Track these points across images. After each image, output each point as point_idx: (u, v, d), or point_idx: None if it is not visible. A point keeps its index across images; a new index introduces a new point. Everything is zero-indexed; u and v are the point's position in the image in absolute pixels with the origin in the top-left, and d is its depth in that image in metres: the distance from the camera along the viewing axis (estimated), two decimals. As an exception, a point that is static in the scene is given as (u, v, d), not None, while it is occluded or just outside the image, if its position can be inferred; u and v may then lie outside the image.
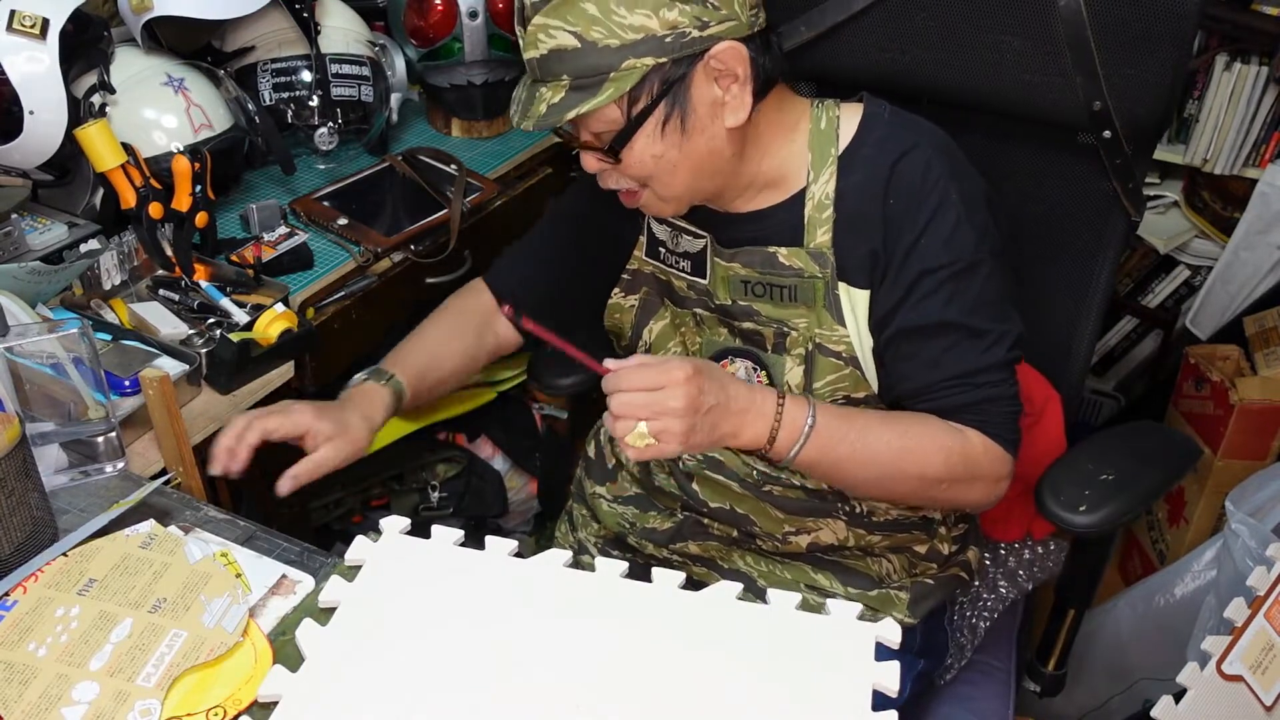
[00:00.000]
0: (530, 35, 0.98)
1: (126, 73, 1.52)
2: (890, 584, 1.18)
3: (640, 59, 0.96)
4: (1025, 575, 1.34)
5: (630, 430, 0.96)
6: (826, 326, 1.09)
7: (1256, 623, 1.08)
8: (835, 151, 1.07)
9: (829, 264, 1.08)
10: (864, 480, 1.07)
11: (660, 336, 1.23)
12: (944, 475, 1.06)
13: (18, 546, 1.00)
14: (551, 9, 0.96)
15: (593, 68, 0.96)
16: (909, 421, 1.07)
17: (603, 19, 0.94)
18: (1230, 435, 1.90)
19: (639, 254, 1.23)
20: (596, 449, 1.40)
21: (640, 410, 0.96)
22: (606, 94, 0.96)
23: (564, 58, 0.97)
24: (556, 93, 0.98)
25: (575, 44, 0.96)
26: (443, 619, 0.94)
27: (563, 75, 0.98)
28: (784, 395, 1.03)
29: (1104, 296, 1.33)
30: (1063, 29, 1.18)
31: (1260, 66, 2.04)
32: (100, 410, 1.13)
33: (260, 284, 1.48)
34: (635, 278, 1.24)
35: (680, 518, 1.25)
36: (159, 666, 0.88)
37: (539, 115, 0.99)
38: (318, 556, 1.03)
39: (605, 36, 0.95)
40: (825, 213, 1.07)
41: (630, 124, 1.00)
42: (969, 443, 1.06)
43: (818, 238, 1.08)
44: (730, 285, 1.14)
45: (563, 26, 0.96)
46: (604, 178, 1.08)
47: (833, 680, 0.89)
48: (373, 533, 1.03)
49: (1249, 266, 2.08)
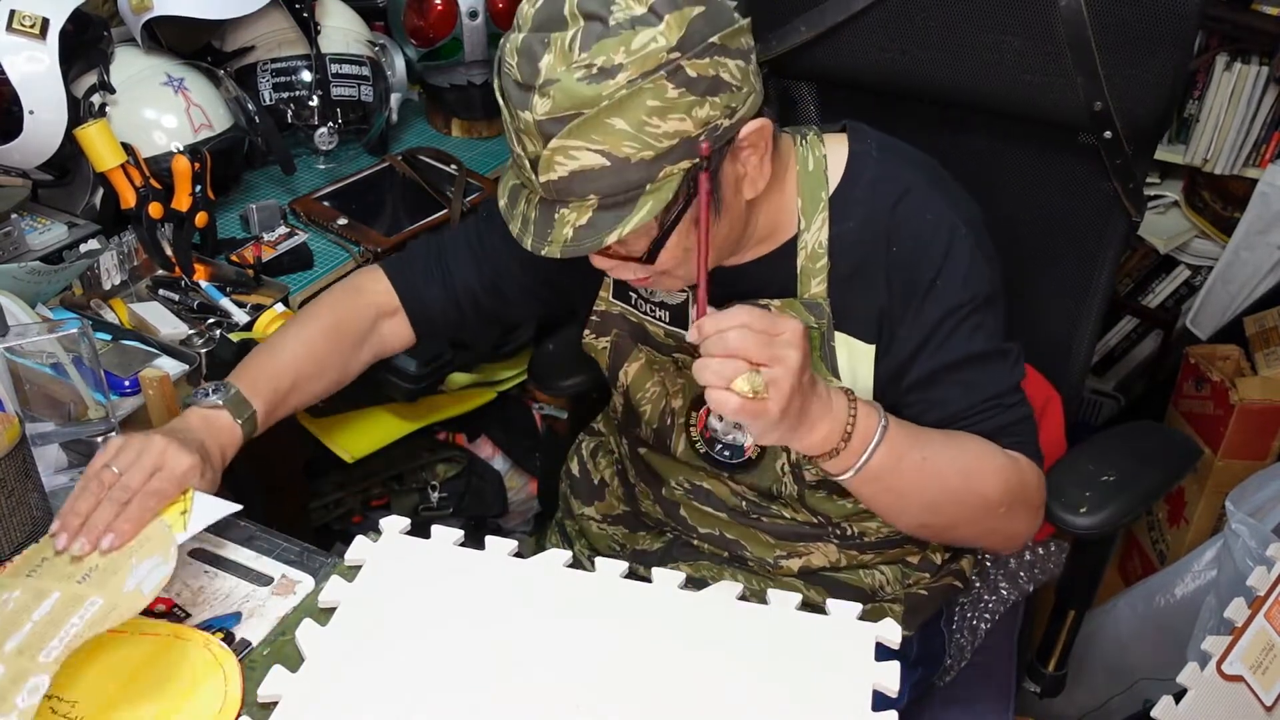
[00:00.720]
0: (545, 159, 0.86)
1: (126, 73, 1.52)
2: (883, 597, 1.17)
3: (676, 164, 0.86)
4: (1026, 577, 1.34)
5: (737, 376, 0.83)
6: (821, 375, 1.04)
7: (1257, 623, 1.08)
8: (825, 195, 1.02)
9: (825, 314, 1.03)
10: (923, 503, 0.99)
11: (637, 379, 1.17)
12: (1003, 499, 1.00)
13: (18, 547, 1.00)
14: (573, 130, 0.84)
15: (626, 184, 0.86)
16: (967, 438, 1.01)
17: (635, 133, 0.84)
18: (1230, 435, 1.90)
19: (605, 295, 1.15)
20: (580, 465, 1.36)
21: (755, 352, 0.83)
22: (646, 209, 0.87)
23: (590, 178, 0.86)
24: (582, 214, 0.88)
25: (603, 163, 0.85)
26: (443, 619, 0.94)
27: (589, 195, 0.87)
28: (854, 396, 0.94)
29: (1104, 297, 1.32)
30: (1063, 29, 1.18)
31: (1260, 66, 2.04)
32: (100, 410, 1.13)
33: (260, 284, 1.48)
34: (604, 319, 1.17)
35: (670, 537, 1.25)
36: (64, 640, 0.83)
37: (566, 241, 0.89)
38: (318, 556, 1.03)
39: (639, 150, 0.84)
40: (819, 262, 1.02)
41: (665, 230, 0.91)
42: (1020, 466, 1.02)
43: (812, 288, 1.03)
44: None
45: (587, 146, 0.84)
46: (618, 272, 0.98)
47: (833, 680, 0.89)
48: (373, 533, 1.03)
49: (1249, 266, 2.08)
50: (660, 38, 0.82)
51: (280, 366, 1.11)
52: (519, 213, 0.92)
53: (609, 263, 0.97)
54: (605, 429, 1.37)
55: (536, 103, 0.84)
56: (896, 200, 1.00)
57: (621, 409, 1.21)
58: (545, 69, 0.84)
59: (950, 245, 0.99)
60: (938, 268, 0.99)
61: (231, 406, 1.05)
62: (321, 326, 1.15)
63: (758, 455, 1.12)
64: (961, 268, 1.00)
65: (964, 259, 1.00)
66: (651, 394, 1.16)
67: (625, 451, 1.28)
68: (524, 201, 0.92)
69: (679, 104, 0.84)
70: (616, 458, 1.32)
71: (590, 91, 0.83)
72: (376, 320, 1.19)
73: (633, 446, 1.25)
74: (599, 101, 0.83)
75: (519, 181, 0.92)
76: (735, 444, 1.13)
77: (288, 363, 1.11)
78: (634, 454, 1.25)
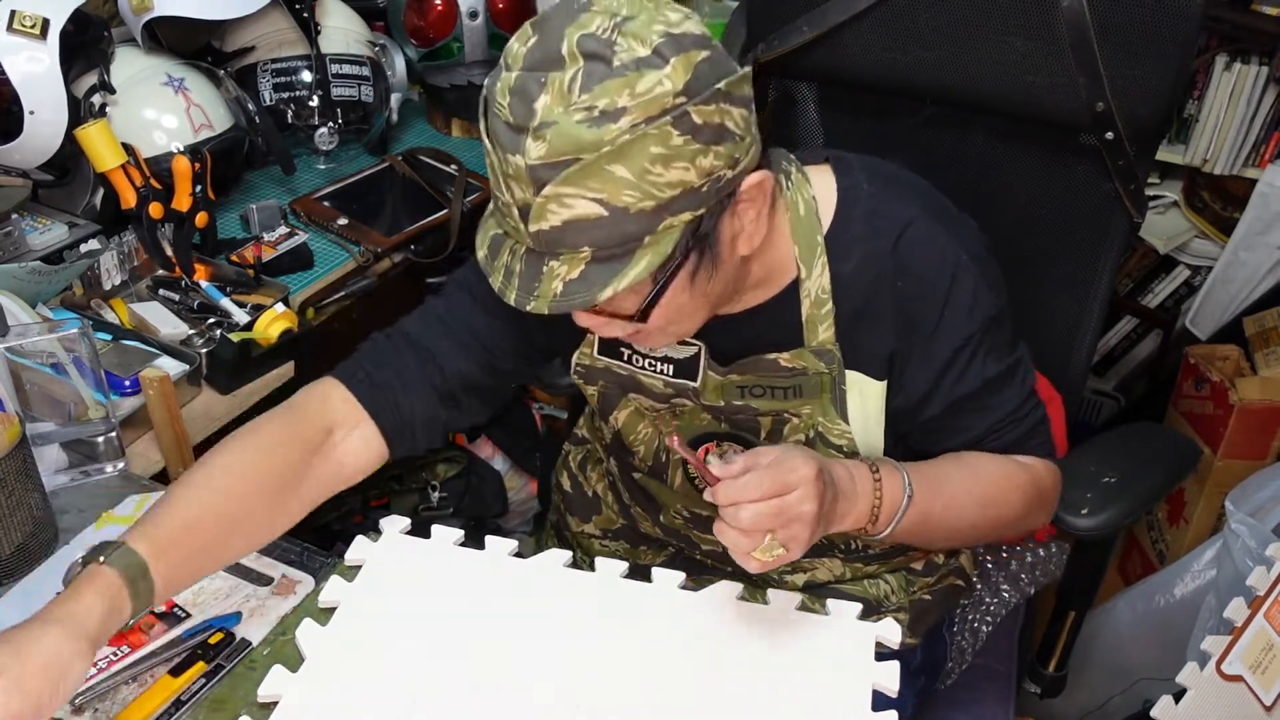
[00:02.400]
0: (538, 207, 0.79)
1: (126, 73, 1.52)
2: (888, 606, 1.16)
3: (677, 216, 0.81)
4: (1027, 579, 1.34)
5: (758, 545, 0.84)
6: (830, 419, 1.02)
7: (1256, 623, 1.08)
8: (820, 238, 0.97)
9: (835, 359, 1.00)
10: (948, 538, 1.03)
11: (627, 424, 1.11)
12: (1022, 513, 1.03)
13: (18, 546, 1.00)
14: (570, 177, 0.77)
15: (623, 236, 0.80)
16: (981, 466, 1.02)
17: (636, 182, 0.77)
18: (1230, 435, 1.90)
19: (588, 351, 1.08)
20: (570, 479, 1.30)
21: (770, 521, 0.83)
22: (643, 263, 0.80)
23: (585, 229, 0.79)
24: (573, 267, 0.81)
25: (601, 213, 0.78)
26: (443, 619, 0.94)
27: (582, 247, 0.80)
28: (875, 465, 0.93)
29: (1105, 297, 1.32)
30: (1065, 30, 1.18)
31: (1260, 66, 2.04)
32: (100, 410, 1.13)
33: (260, 284, 1.48)
34: (590, 371, 1.09)
35: (672, 552, 1.23)
36: None
37: (555, 296, 0.81)
38: (318, 556, 1.03)
39: (639, 200, 0.78)
40: (824, 308, 0.98)
41: (660, 287, 0.85)
42: (1036, 473, 1.04)
43: (820, 334, 0.99)
44: (725, 390, 1.04)
45: (583, 194, 0.78)
46: (605, 330, 0.91)
47: (833, 680, 0.89)
48: (373, 533, 1.03)
49: (1249, 266, 2.08)
50: (666, 81, 0.77)
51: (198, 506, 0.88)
52: (501, 264, 0.84)
53: (596, 321, 0.89)
54: (590, 436, 1.32)
55: (530, 146, 0.77)
56: (898, 236, 0.97)
57: (611, 439, 1.17)
58: (541, 110, 0.77)
59: (954, 279, 0.97)
60: (943, 303, 0.97)
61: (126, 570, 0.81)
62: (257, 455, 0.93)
63: None
64: (966, 300, 0.97)
65: (968, 292, 0.97)
66: (644, 435, 1.12)
67: (616, 472, 1.24)
68: (507, 252, 0.84)
69: (683, 152, 0.78)
70: (606, 470, 1.28)
71: (591, 135, 0.76)
72: (324, 443, 0.97)
73: (624, 471, 1.21)
74: (600, 146, 0.76)
75: (502, 230, 0.85)
76: None
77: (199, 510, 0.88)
78: (627, 477, 1.21)
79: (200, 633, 0.95)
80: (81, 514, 1.08)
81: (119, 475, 1.14)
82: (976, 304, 0.98)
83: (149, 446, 1.23)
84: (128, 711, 0.88)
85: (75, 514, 1.08)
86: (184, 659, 0.92)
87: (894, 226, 0.97)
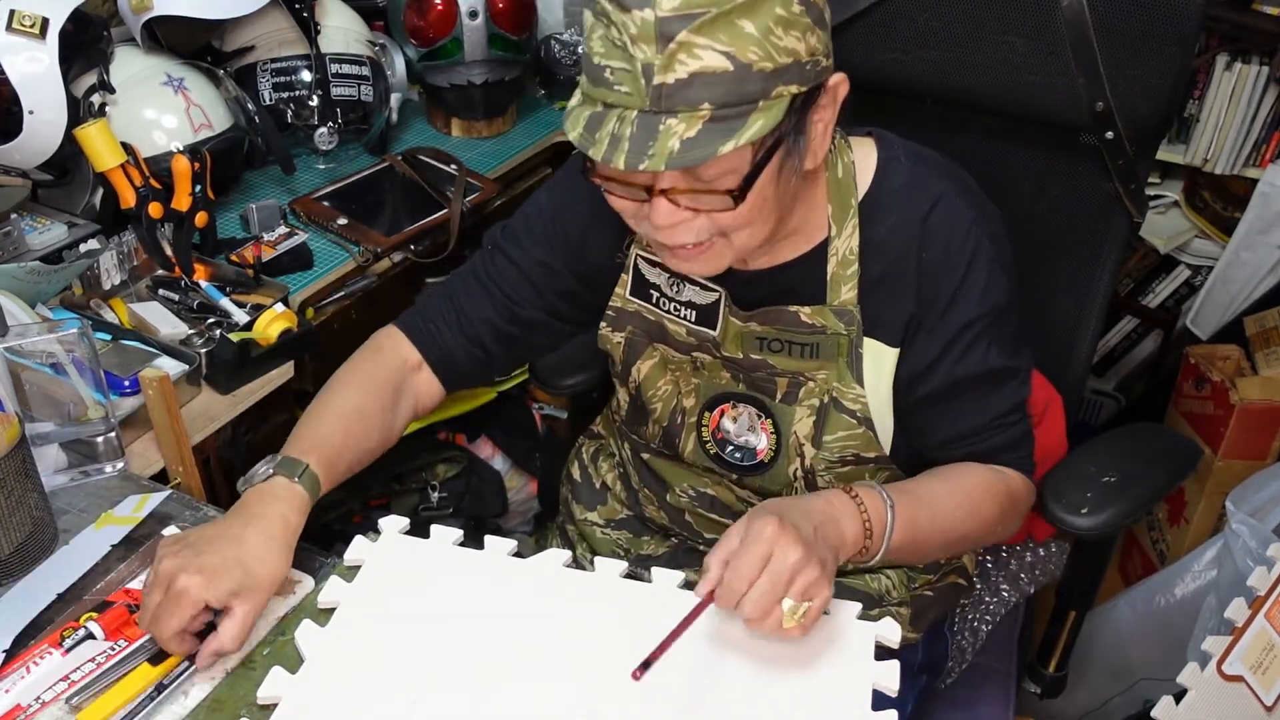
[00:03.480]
0: (668, 56, 0.81)
1: (126, 72, 1.52)
2: (890, 601, 1.17)
3: (787, 86, 0.84)
4: (1027, 578, 1.34)
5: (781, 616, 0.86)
6: (845, 383, 1.05)
7: (1257, 623, 1.08)
8: (855, 201, 1.01)
9: (854, 321, 1.03)
10: (938, 546, 1.05)
11: (649, 376, 1.15)
12: (999, 520, 1.06)
13: (17, 546, 1.00)
14: (703, 25, 0.80)
15: (742, 95, 0.82)
16: (961, 476, 1.06)
17: (761, 39, 0.81)
18: (1230, 435, 1.89)
19: (622, 292, 1.12)
20: (580, 469, 1.34)
21: (773, 593, 0.85)
22: (757, 125, 0.83)
23: (710, 82, 0.81)
24: (691, 125, 0.82)
25: (727, 66, 0.81)
26: (442, 619, 0.94)
27: (702, 104, 0.82)
28: (849, 487, 0.97)
29: (1106, 297, 1.32)
30: (1066, 30, 1.18)
31: (1260, 66, 2.04)
32: (100, 410, 1.13)
33: (260, 284, 1.48)
34: (620, 315, 1.13)
35: (675, 542, 1.24)
36: None
37: (671, 153, 0.82)
38: (317, 557, 1.03)
39: (761, 59, 0.82)
40: (850, 269, 1.02)
41: (757, 164, 0.87)
42: (1012, 484, 1.07)
43: (842, 294, 1.02)
44: (744, 341, 1.07)
45: (713, 45, 0.80)
46: (679, 231, 0.91)
47: (833, 680, 0.89)
48: (372, 533, 1.03)
49: (1249, 266, 2.08)
50: None
51: (327, 429, 1.04)
52: (605, 134, 0.85)
53: (680, 215, 0.90)
54: (605, 431, 1.36)
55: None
56: (930, 207, 1.00)
57: (628, 407, 1.20)
58: None
59: (974, 257, 1.00)
60: (960, 279, 1.00)
61: (282, 468, 0.98)
62: (357, 388, 1.09)
63: (770, 458, 1.12)
64: (981, 280, 1.01)
65: (983, 272, 1.01)
66: (663, 392, 1.15)
67: (628, 455, 1.27)
68: (614, 121, 0.85)
69: (799, 21, 0.84)
70: (618, 461, 1.31)
71: None
72: (406, 376, 1.13)
73: (636, 451, 1.25)
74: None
75: (603, 105, 0.86)
76: (748, 446, 1.12)
77: (334, 425, 1.05)
78: (637, 458, 1.25)
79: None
80: (81, 514, 1.08)
81: (119, 475, 1.14)
82: (989, 287, 1.01)
83: (149, 446, 1.23)
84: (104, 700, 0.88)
85: (75, 514, 1.08)
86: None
87: (927, 198, 1.01)
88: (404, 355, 1.13)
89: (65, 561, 1.01)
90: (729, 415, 1.12)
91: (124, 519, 1.05)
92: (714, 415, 1.13)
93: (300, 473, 0.98)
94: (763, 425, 1.11)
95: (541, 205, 1.14)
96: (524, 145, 1.93)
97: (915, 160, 1.04)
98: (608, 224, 1.04)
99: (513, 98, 1.97)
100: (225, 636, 0.89)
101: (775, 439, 1.10)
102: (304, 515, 0.97)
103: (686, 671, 0.89)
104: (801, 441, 1.09)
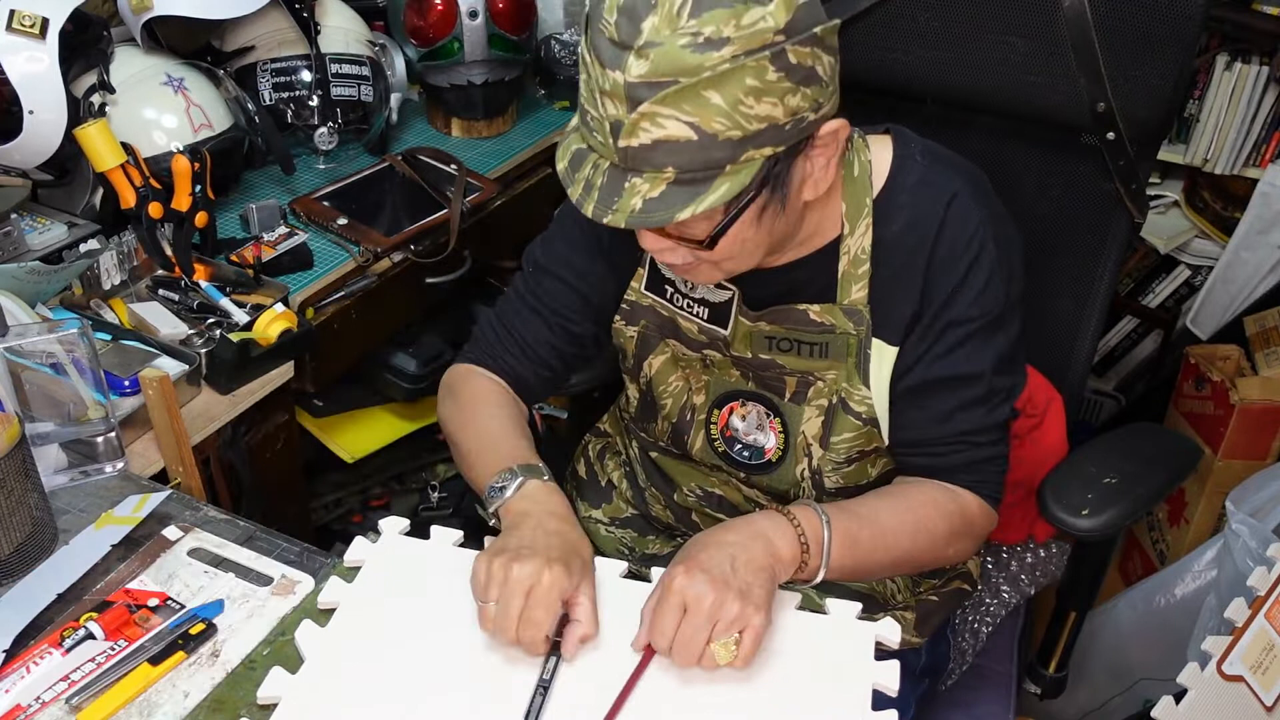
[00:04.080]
0: (631, 123, 0.82)
1: (126, 72, 1.52)
2: (895, 605, 1.17)
3: (759, 150, 0.85)
4: (1028, 579, 1.34)
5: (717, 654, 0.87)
6: (853, 384, 1.05)
7: (1257, 623, 1.08)
8: (869, 199, 1.01)
9: (864, 321, 1.03)
10: (884, 564, 1.05)
11: (660, 372, 1.15)
12: (947, 540, 1.05)
13: (17, 547, 1.00)
14: (667, 97, 0.81)
15: (707, 161, 0.84)
16: (902, 494, 1.06)
17: (729, 110, 0.82)
18: (1230, 435, 1.89)
19: (637, 285, 1.14)
20: (586, 467, 1.35)
21: (695, 640, 0.87)
22: (722, 190, 0.85)
23: (673, 150, 0.83)
24: (655, 186, 0.85)
25: (690, 135, 0.82)
26: (442, 619, 0.94)
27: (666, 168, 0.84)
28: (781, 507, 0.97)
29: (1106, 297, 1.32)
30: (1067, 30, 1.18)
31: (1260, 66, 2.04)
32: (100, 410, 1.13)
33: (260, 284, 1.48)
34: (634, 309, 1.14)
35: (680, 541, 1.24)
36: None
37: (632, 211, 0.85)
38: (317, 557, 1.03)
39: (727, 129, 0.82)
40: (861, 267, 1.02)
41: (731, 217, 0.89)
42: (965, 504, 1.06)
43: (853, 294, 1.02)
44: (753, 340, 1.07)
45: (677, 116, 0.82)
46: (665, 255, 0.95)
47: (833, 680, 0.89)
48: (372, 533, 1.03)
49: (1249, 266, 2.08)
50: (770, 18, 0.81)
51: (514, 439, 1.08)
52: (582, 177, 0.88)
53: (662, 243, 0.93)
54: (612, 430, 1.36)
55: (632, 63, 0.81)
56: (945, 207, 1.00)
57: (638, 403, 1.21)
58: (649, 30, 0.81)
59: (976, 259, 1.00)
60: (961, 278, 1.00)
61: (528, 473, 1.01)
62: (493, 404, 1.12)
63: (778, 457, 1.12)
64: (978, 285, 1.00)
65: (982, 276, 1.00)
66: (674, 388, 1.15)
67: (635, 454, 1.27)
68: (590, 166, 0.88)
69: (775, 88, 0.83)
70: (625, 459, 1.31)
71: (693, 60, 0.80)
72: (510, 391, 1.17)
73: (644, 449, 1.25)
74: (700, 72, 0.80)
75: (586, 145, 0.89)
76: (756, 445, 1.12)
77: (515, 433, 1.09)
78: (644, 456, 1.25)
79: (185, 623, 0.94)
80: (81, 514, 1.08)
81: (118, 475, 1.14)
82: (984, 292, 1.01)
83: (148, 446, 1.23)
84: (104, 700, 0.88)
85: (75, 514, 1.08)
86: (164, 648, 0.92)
87: (942, 195, 1.00)
88: (490, 378, 1.16)
89: (65, 561, 1.00)
90: (738, 413, 1.12)
91: (124, 519, 1.05)
92: (723, 413, 1.13)
93: (544, 474, 1.02)
94: (771, 424, 1.11)
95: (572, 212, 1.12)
96: (524, 145, 1.93)
97: (930, 158, 1.03)
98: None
99: (513, 98, 1.97)
100: (588, 621, 0.91)
101: (783, 438, 1.10)
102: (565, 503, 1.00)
103: (687, 671, 0.89)
104: (810, 441, 1.09)
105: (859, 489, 1.11)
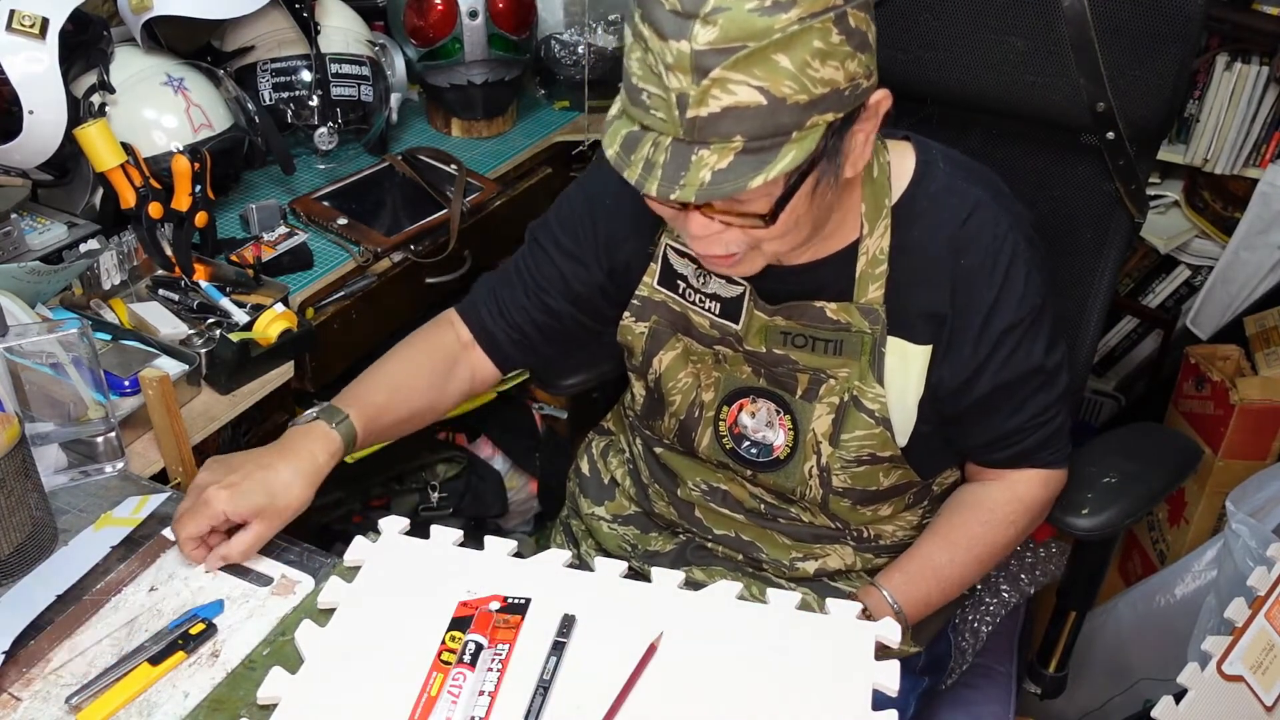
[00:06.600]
0: (701, 91, 0.81)
1: (126, 72, 1.52)
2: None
3: (822, 115, 0.84)
4: (1027, 579, 1.34)
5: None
6: (866, 382, 1.05)
7: (1257, 623, 1.08)
8: (889, 202, 1.02)
9: (879, 320, 1.03)
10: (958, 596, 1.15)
11: (670, 368, 1.15)
12: (1017, 540, 1.14)
13: (17, 547, 1.00)
14: (738, 62, 0.80)
15: (776, 127, 0.83)
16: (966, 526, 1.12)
17: (796, 74, 0.81)
18: (1230, 435, 1.90)
19: (649, 281, 1.14)
20: (590, 464, 1.35)
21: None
22: (789, 157, 0.83)
23: (744, 116, 0.82)
24: (723, 157, 0.83)
25: (760, 101, 0.81)
26: (442, 619, 0.94)
27: (735, 136, 0.83)
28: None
29: (1106, 297, 1.32)
30: (1067, 30, 1.18)
31: (1260, 66, 2.04)
32: (100, 410, 1.13)
33: (260, 284, 1.48)
34: (645, 305, 1.15)
35: (683, 539, 1.24)
36: None
37: (701, 184, 0.83)
38: (317, 557, 1.03)
39: (795, 92, 0.82)
40: (879, 268, 1.02)
41: (791, 185, 0.88)
42: (1019, 491, 1.12)
43: (869, 293, 1.03)
44: (767, 335, 1.08)
45: (748, 81, 0.80)
46: (712, 242, 0.94)
47: (833, 680, 0.89)
48: (372, 533, 1.03)
49: (1249, 266, 2.08)
50: None
51: (374, 379, 1.15)
52: (640, 158, 0.86)
53: (713, 227, 0.92)
54: (615, 427, 1.36)
55: (699, 31, 0.80)
56: (968, 214, 1.01)
57: (644, 400, 1.21)
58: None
59: (1012, 263, 1.01)
60: (999, 287, 1.02)
61: (324, 414, 1.07)
62: (412, 349, 1.19)
63: (786, 455, 1.12)
64: (1018, 287, 1.02)
65: (1020, 278, 1.02)
66: (683, 384, 1.15)
67: (639, 451, 1.27)
68: (649, 145, 0.86)
69: (838, 51, 0.83)
70: (628, 457, 1.31)
71: (762, 23, 0.79)
72: (462, 349, 1.21)
73: (648, 446, 1.25)
74: (769, 34, 0.79)
75: (639, 127, 0.87)
76: (764, 442, 1.13)
77: (381, 377, 1.15)
78: (649, 454, 1.25)
79: (184, 623, 0.94)
80: (81, 514, 1.08)
81: (118, 475, 1.14)
82: (1027, 290, 1.02)
83: (148, 446, 1.23)
84: (104, 700, 0.88)
85: (75, 514, 1.08)
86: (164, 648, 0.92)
87: (964, 205, 1.01)
88: (458, 332, 1.22)
89: (65, 562, 1.00)
90: (748, 410, 1.13)
91: (124, 520, 1.05)
92: (733, 410, 1.14)
93: (339, 420, 1.06)
94: (781, 421, 1.11)
95: (574, 198, 1.17)
96: (524, 145, 1.93)
97: (952, 165, 1.04)
98: (638, 216, 1.06)
99: (512, 98, 1.97)
100: (235, 545, 0.98)
101: (793, 436, 1.11)
102: (334, 459, 1.05)
103: (687, 671, 0.89)
104: (819, 439, 1.09)
105: (867, 494, 1.11)
